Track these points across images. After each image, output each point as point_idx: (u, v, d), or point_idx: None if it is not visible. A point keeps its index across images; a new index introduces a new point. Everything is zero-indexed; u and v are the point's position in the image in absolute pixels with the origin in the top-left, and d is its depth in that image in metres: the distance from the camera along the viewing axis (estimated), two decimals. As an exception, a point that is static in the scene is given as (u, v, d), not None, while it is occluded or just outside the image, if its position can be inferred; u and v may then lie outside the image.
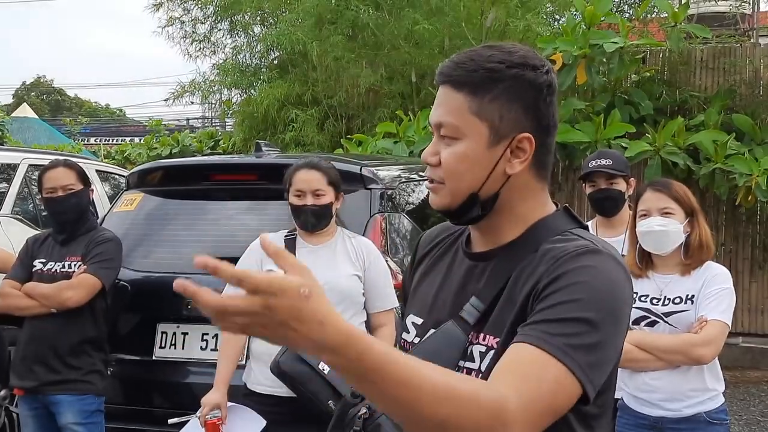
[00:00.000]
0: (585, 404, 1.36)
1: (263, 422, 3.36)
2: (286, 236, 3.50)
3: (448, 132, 1.47)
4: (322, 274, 3.29)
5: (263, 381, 3.36)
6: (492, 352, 1.42)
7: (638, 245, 3.20)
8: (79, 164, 4.13)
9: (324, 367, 3.14)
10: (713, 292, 3.07)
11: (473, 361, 1.45)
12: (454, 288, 1.54)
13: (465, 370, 1.44)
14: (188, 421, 3.52)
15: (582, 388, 1.32)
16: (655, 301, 3.15)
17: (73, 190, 3.89)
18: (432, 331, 1.51)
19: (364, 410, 1.55)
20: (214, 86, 12.16)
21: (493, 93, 1.44)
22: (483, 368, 1.42)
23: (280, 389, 3.27)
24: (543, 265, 1.40)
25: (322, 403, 3.13)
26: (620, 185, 3.85)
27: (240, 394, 3.46)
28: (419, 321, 1.59)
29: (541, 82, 1.46)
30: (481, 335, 1.44)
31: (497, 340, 1.42)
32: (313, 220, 3.41)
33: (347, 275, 3.39)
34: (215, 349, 4.03)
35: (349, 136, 9.61)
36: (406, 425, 1.26)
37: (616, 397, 3.32)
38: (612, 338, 1.37)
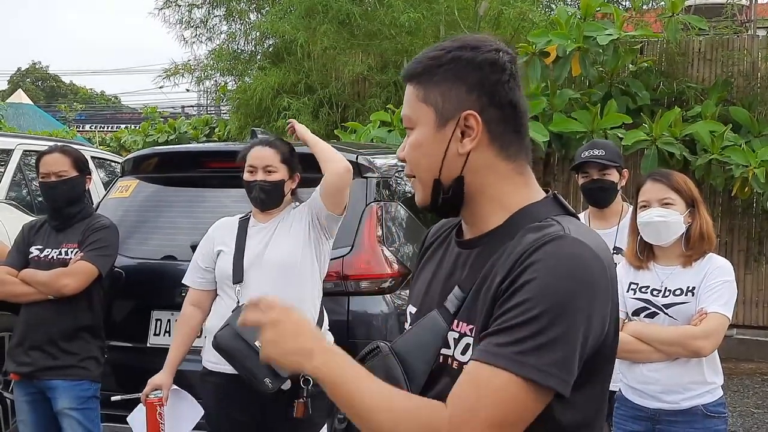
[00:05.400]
0: (562, 398, 1.35)
1: (201, 412, 3.39)
2: (241, 218, 3.52)
3: (406, 123, 1.54)
4: (261, 251, 3.35)
5: (212, 358, 3.37)
6: (465, 338, 1.44)
7: (639, 236, 3.19)
8: (80, 152, 4.10)
9: (259, 345, 3.14)
10: (714, 285, 3.05)
11: (449, 347, 1.47)
12: (443, 277, 1.57)
13: (442, 357, 1.47)
14: (129, 399, 3.58)
15: (550, 389, 1.32)
16: (655, 292, 3.14)
17: (65, 177, 3.87)
18: (418, 321, 1.54)
19: None
20: (207, 70, 12.10)
21: (435, 78, 1.49)
22: (456, 354, 1.45)
23: (228, 366, 3.27)
24: (512, 257, 1.40)
25: (258, 381, 3.13)
26: (613, 176, 3.83)
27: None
28: (414, 310, 1.62)
29: (480, 60, 1.48)
30: (455, 322, 1.46)
31: (470, 327, 1.44)
32: (263, 196, 3.40)
33: (288, 247, 3.38)
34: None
35: (343, 125, 9.58)
36: (360, 428, 1.41)
37: (612, 389, 3.35)
38: (576, 327, 1.34)
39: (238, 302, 3.31)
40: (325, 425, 1.63)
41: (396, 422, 1.33)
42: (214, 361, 3.37)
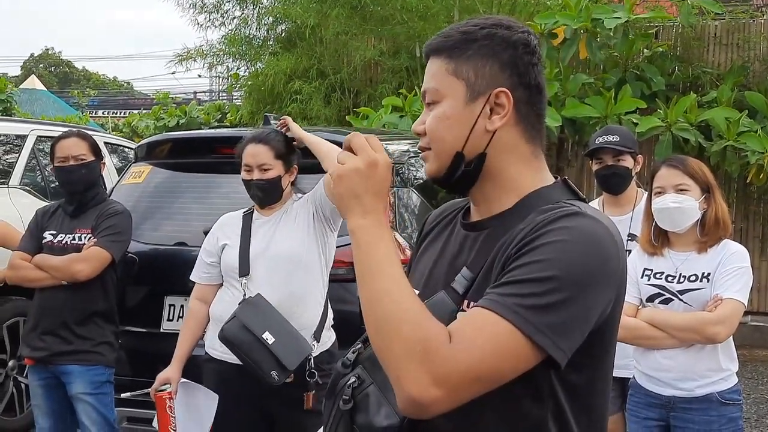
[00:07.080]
0: (557, 369, 1.34)
1: (216, 398, 3.38)
2: (245, 212, 3.52)
3: (431, 97, 1.52)
4: (266, 245, 3.35)
5: (216, 347, 3.38)
6: None
7: (654, 223, 3.17)
8: (94, 136, 4.11)
9: (268, 338, 3.15)
10: (730, 271, 3.03)
11: None
12: (448, 259, 1.56)
13: None
14: (140, 394, 3.57)
15: (542, 350, 1.30)
16: (670, 278, 3.11)
17: (84, 161, 3.87)
18: (425, 302, 1.50)
19: (353, 379, 1.54)
20: (220, 55, 12.08)
21: (468, 53, 1.49)
22: None
23: (232, 356, 3.28)
24: (525, 230, 1.40)
25: (264, 373, 3.14)
26: (627, 162, 3.79)
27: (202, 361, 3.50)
28: (416, 293, 1.57)
29: (515, 39, 1.49)
30: (465, 302, 1.45)
31: None
32: (260, 194, 3.41)
33: (293, 240, 3.37)
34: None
35: (355, 110, 9.56)
36: (363, 307, 1.37)
37: (627, 376, 3.32)
38: (585, 298, 1.34)
39: (245, 295, 3.31)
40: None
41: (399, 315, 1.31)
42: (218, 350, 3.37)
